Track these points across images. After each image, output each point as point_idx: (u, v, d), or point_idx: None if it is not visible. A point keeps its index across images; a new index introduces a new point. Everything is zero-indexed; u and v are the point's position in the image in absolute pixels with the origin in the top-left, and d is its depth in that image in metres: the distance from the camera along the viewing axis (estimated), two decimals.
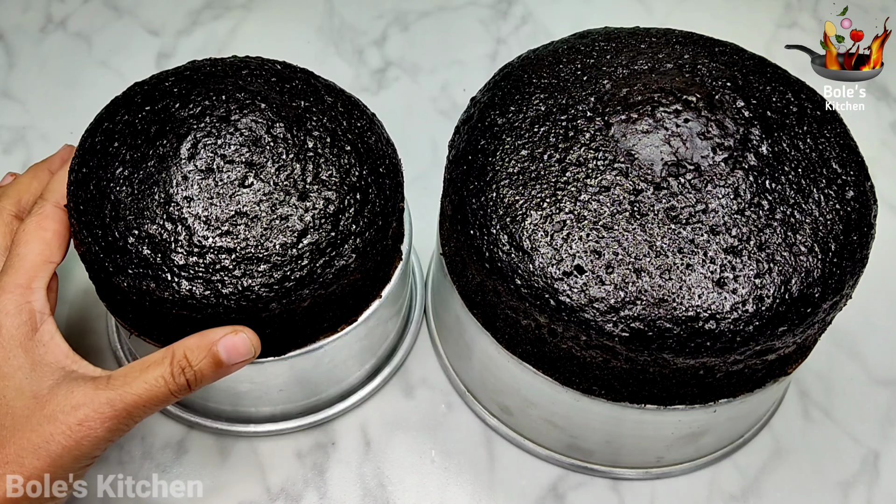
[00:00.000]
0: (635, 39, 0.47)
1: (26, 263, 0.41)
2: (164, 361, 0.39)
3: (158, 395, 0.39)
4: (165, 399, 0.39)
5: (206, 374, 0.40)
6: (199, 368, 0.39)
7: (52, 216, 0.42)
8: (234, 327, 0.40)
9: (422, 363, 0.55)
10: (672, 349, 0.39)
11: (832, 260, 0.40)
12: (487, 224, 0.42)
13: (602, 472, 0.51)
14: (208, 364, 0.40)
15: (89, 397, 0.38)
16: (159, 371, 0.39)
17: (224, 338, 0.40)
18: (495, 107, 0.45)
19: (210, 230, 0.41)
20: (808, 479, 0.51)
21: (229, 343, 0.40)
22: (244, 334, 0.40)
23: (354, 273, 0.42)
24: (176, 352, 0.39)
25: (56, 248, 0.42)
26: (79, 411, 0.38)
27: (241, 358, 0.40)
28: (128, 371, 0.39)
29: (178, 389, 0.39)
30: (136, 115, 0.43)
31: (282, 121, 0.43)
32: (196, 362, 0.39)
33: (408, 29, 0.72)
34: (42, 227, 0.42)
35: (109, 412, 0.38)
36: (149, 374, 0.39)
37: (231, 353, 0.40)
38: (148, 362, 0.39)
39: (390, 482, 0.50)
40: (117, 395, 0.38)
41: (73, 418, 0.37)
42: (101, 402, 0.38)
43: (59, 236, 0.42)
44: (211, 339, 0.40)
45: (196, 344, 0.40)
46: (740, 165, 0.42)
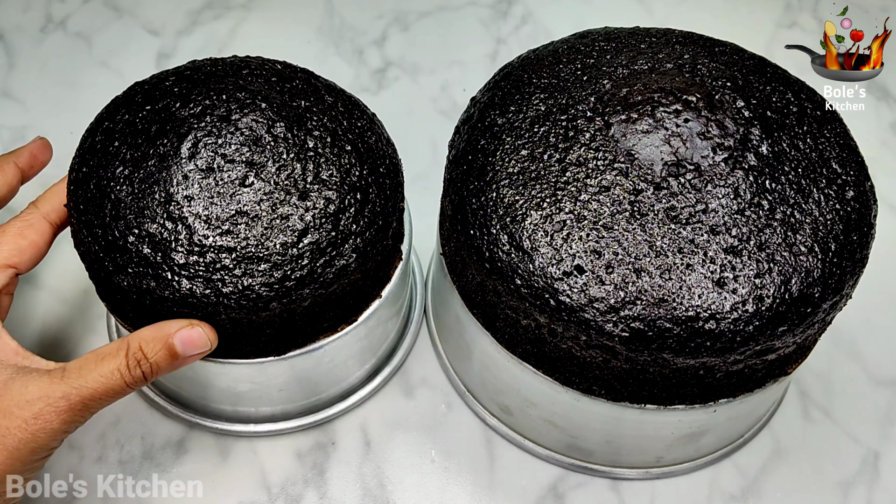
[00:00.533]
0: (635, 39, 0.47)
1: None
2: (120, 353, 0.39)
3: (114, 388, 0.39)
4: (121, 391, 0.39)
5: (161, 366, 0.40)
6: (154, 360, 0.39)
7: (36, 226, 0.42)
8: (191, 321, 0.40)
9: (422, 363, 0.55)
10: (672, 349, 0.39)
11: (832, 260, 0.40)
12: (487, 224, 0.42)
13: (602, 472, 0.51)
14: (164, 356, 0.39)
15: (44, 391, 0.38)
16: (114, 363, 0.39)
17: (180, 331, 0.39)
18: (495, 107, 0.45)
19: (210, 229, 0.41)
20: (808, 479, 0.51)
21: (185, 336, 0.40)
22: (200, 328, 0.40)
23: (355, 273, 0.42)
24: (131, 344, 0.39)
25: (27, 258, 0.42)
26: (34, 405, 0.37)
27: (196, 351, 0.40)
28: (82, 363, 0.39)
29: (133, 381, 0.39)
30: (136, 115, 0.43)
31: (282, 120, 0.43)
32: (151, 355, 0.39)
33: (408, 29, 0.72)
34: (22, 234, 0.42)
35: (65, 405, 0.38)
36: (104, 366, 0.39)
37: (187, 346, 0.40)
38: (103, 354, 0.39)
39: (390, 482, 0.50)
40: (73, 388, 0.38)
41: (28, 412, 0.37)
42: (57, 396, 0.38)
43: (35, 247, 0.42)
44: (167, 331, 0.39)
45: (152, 336, 0.39)
46: (740, 165, 0.42)
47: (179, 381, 0.49)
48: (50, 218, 0.43)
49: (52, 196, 0.43)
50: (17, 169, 0.45)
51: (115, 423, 0.51)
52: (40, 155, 0.47)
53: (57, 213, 0.43)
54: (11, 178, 0.46)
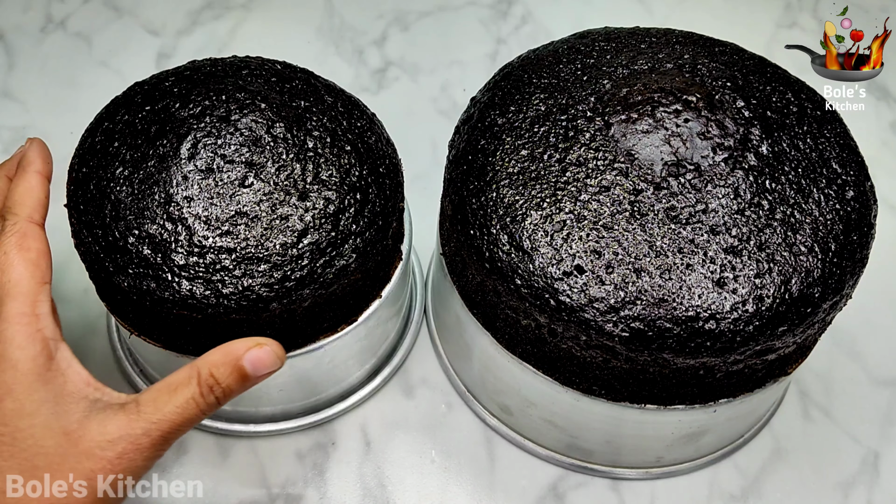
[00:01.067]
0: (635, 39, 0.47)
1: (23, 289, 0.38)
2: (192, 382, 0.38)
3: (191, 417, 0.38)
4: (197, 418, 0.38)
5: (233, 389, 0.39)
6: (226, 385, 0.38)
7: (31, 233, 0.40)
8: (258, 340, 0.39)
9: (422, 363, 0.55)
10: (672, 349, 0.39)
11: (832, 260, 0.40)
12: (487, 224, 0.42)
13: (602, 472, 0.51)
14: (235, 379, 0.38)
15: (125, 430, 0.36)
16: (188, 392, 0.38)
17: (249, 352, 0.38)
18: (495, 107, 0.45)
19: (210, 230, 0.41)
20: (808, 479, 0.51)
21: (254, 357, 0.38)
22: (269, 347, 0.39)
23: (355, 273, 0.42)
24: (201, 370, 0.38)
25: (45, 268, 0.39)
26: (117, 445, 0.36)
27: (266, 370, 0.39)
28: (156, 396, 0.37)
29: (208, 408, 0.38)
30: (136, 115, 0.43)
31: (282, 121, 0.43)
32: (223, 379, 0.38)
33: (408, 29, 0.72)
34: (24, 247, 0.39)
35: (147, 442, 0.37)
36: (178, 396, 0.37)
37: (257, 367, 0.39)
38: (174, 384, 0.38)
39: (390, 482, 0.50)
40: (153, 424, 0.37)
41: (111, 453, 0.36)
42: (138, 433, 0.37)
43: (43, 255, 0.39)
44: (235, 354, 0.38)
45: (221, 360, 0.38)
46: (740, 165, 0.42)
47: None
48: (34, 219, 0.40)
49: (23, 198, 0.41)
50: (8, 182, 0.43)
51: None
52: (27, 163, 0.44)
53: (38, 212, 0.41)
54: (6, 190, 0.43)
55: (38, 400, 0.37)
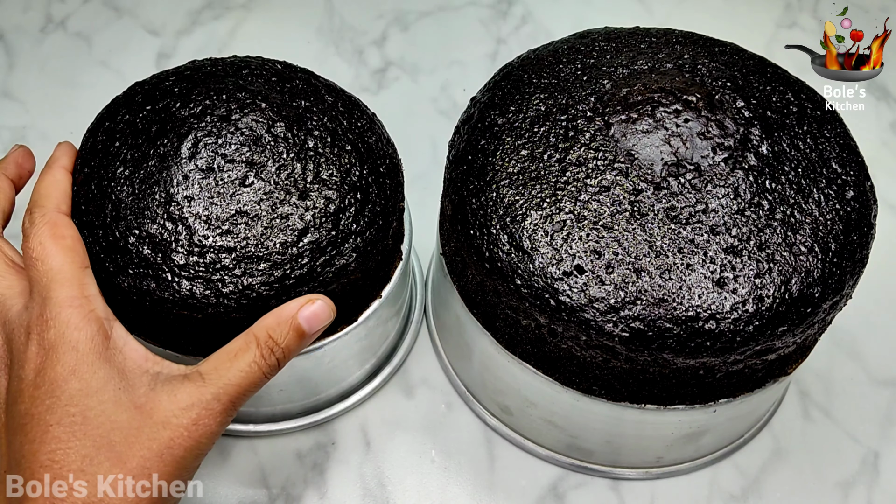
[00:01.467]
0: (635, 39, 0.47)
1: (67, 275, 0.39)
2: (251, 346, 0.39)
3: (255, 380, 0.39)
4: (261, 381, 0.39)
5: (292, 347, 0.40)
6: (285, 345, 0.39)
7: (61, 222, 0.40)
8: (308, 297, 0.40)
9: (422, 363, 0.55)
10: (672, 349, 0.39)
11: (832, 260, 0.40)
12: (487, 224, 0.42)
13: (602, 472, 0.51)
14: (293, 338, 0.39)
15: (196, 397, 0.37)
16: (250, 356, 0.38)
17: (302, 309, 0.39)
18: (495, 107, 0.45)
19: (210, 229, 0.41)
20: (808, 479, 0.51)
21: (309, 314, 0.40)
22: (319, 301, 0.40)
23: (355, 272, 0.42)
24: (258, 335, 0.39)
25: (83, 253, 0.40)
26: (191, 412, 0.37)
27: (322, 324, 0.40)
28: (217, 364, 0.38)
29: (270, 370, 0.39)
30: (136, 115, 0.43)
31: (282, 120, 0.43)
32: (282, 339, 0.39)
33: (408, 29, 0.72)
34: (58, 235, 0.40)
35: (218, 406, 0.38)
36: (240, 361, 0.38)
37: (312, 322, 0.40)
38: (233, 350, 0.39)
39: (390, 482, 0.50)
40: (221, 388, 0.38)
41: (187, 419, 0.37)
42: (209, 398, 0.37)
43: (78, 241, 0.40)
44: (290, 313, 0.39)
45: (276, 321, 0.39)
46: (740, 165, 0.42)
47: None
48: (62, 209, 0.41)
49: (50, 190, 0.42)
50: (9, 180, 0.44)
51: None
52: (25, 163, 0.45)
53: (65, 203, 0.42)
54: (8, 190, 0.44)
55: (103, 377, 0.37)
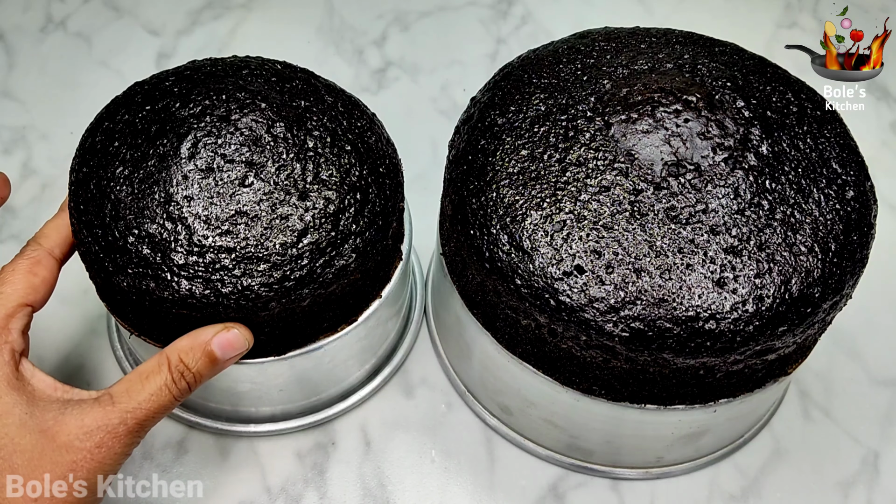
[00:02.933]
0: (635, 39, 0.47)
1: (7, 303, 0.40)
2: (162, 369, 0.39)
3: (164, 403, 0.39)
4: (171, 405, 0.40)
5: (203, 373, 0.40)
6: (196, 370, 0.40)
7: (45, 263, 0.42)
8: (226, 324, 0.41)
9: (422, 363, 0.55)
10: (672, 349, 0.39)
11: (832, 260, 0.40)
12: (487, 224, 0.42)
13: (602, 472, 0.51)
14: (205, 364, 0.40)
15: (101, 420, 0.38)
16: (160, 380, 0.39)
17: (216, 336, 0.40)
18: (495, 107, 0.45)
19: (210, 229, 0.41)
20: (808, 479, 0.51)
21: (222, 340, 0.40)
22: (236, 330, 0.41)
23: (354, 273, 0.42)
24: (171, 357, 0.40)
25: (41, 295, 0.42)
26: (94, 436, 0.38)
27: (234, 352, 0.41)
28: (128, 386, 0.39)
29: (179, 394, 0.40)
30: (136, 115, 0.43)
31: (282, 120, 0.43)
32: (193, 364, 0.40)
33: (408, 29, 0.72)
34: (32, 271, 0.41)
35: (124, 430, 0.38)
36: (150, 384, 0.39)
37: (225, 350, 0.41)
38: (146, 372, 0.39)
39: (390, 482, 0.50)
40: (128, 412, 0.38)
41: (90, 443, 0.38)
42: (115, 422, 0.38)
43: (46, 284, 0.42)
44: (203, 338, 0.40)
45: (189, 346, 0.40)
46: (740, 165, 0.42)
47: None
48: (55, 254, 0.43)
49: (51, 231, 0.43)
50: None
51: None
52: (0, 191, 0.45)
53: (60, 249, 0.43)
54: None
55: (9, 402, 0.38)
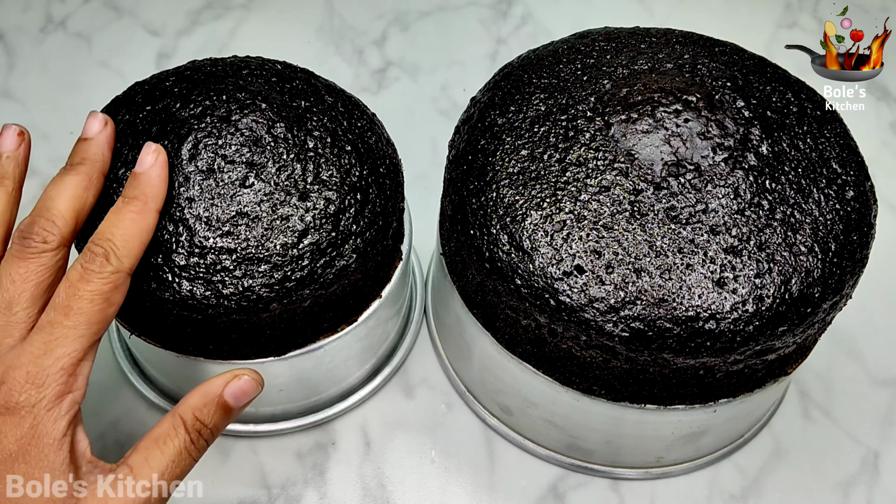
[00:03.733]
0: (635, 39, 0.47)
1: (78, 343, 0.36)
2: (178, 431, 0.37)
3: (185, 467, 0.37)
4: (191, 465, 0.38)
5: (219, 426, 0.38)
6: (213, 425, 0.38)
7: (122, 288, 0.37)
8: (234, 372, 0.38)
9: (422, 363, 0.55)
10: (672, 349, 0.39)
11: (832, 260, 0.40)
12: (487, 224, 0.42)
13: (602, 472, 0.51)
14: (220, 416, 0.38)
15: (122, 493, 0.36)
16: (178, 443, 0.37)
17: (228, 386, 0.38)
18: (495, 107, 0.45)
19: (211, 231, 0.41)
20: (808, 479, 0.51)
21: (235, 390, 0.38)
22: (246, 376, 0.38)
23: (355, 273, 0.42)
24: (185, 418, 0.37)
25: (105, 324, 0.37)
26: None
27: (248, 398, 0.39)
28: (146, 455, 0.37)
29: (198, 453, 0.38)
30: (136, 115, 0.43)
31: (282, 121, 0.43)
32: (209, 420, 0.38)
33: (408, 29, 0.72)
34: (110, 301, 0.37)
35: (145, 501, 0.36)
36: (169, 448, 0.37)
37: (239, 398, 0.38)
38: (162, 437, 0.37)
39: (390, 482, 0.50)
40: (149, 485, 0.36)
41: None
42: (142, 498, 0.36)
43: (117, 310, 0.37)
44: (215, 392, 0.38)
45: (202, 402, 0.38)
46: (740, 165, 0.42)
47: (179, 381, 0.49)
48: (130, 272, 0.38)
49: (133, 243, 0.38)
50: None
51: (115, 424, 0.51)
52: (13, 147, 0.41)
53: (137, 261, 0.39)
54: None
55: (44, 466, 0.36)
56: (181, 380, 0.48)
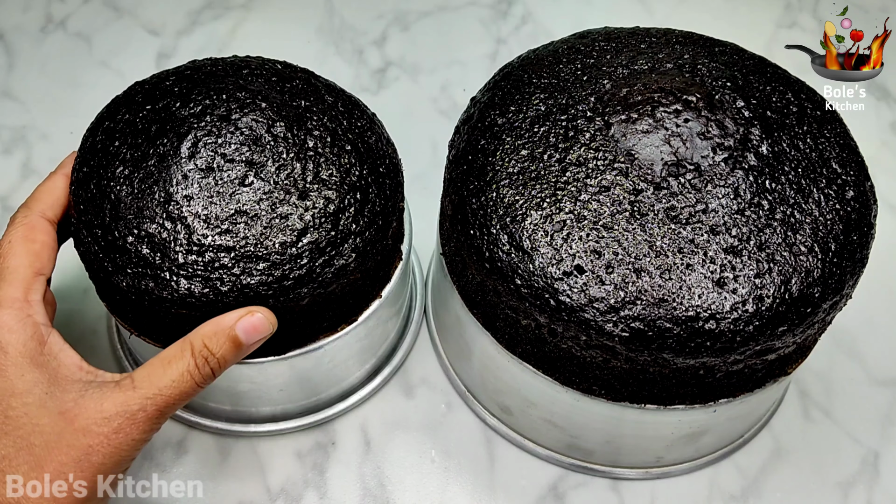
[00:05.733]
0: (635, 39, 0.47)
1: (18, 276, 0.39)
2: (185, 354, 0.39)
3: (186, 390, 0.38)
4: (193, 391, 0.39)
5: (227, 358, 0.39)
6: (220, 354, 0.39)
7: (39, 227, 0.41)
8: (248, 308, 0.40)
9: (422, 363, 0.55)
10: (672, 349, 0.39)
11: (832, 260, 0.40)
12: (487, 224, 0.42)
13: (602, 472, 0.51)
14: (229, 348, 0.39)
15: (121, 405, 0.37)
16: (182, 365, 0.38)
17: (241, 320, 0.39)
18: (495, 107, 0.45)
19: (210, 229, 0.41)
20: (808, 479, 0.51)
21: (247, 324, 0.39)
22: (259, 314, 0.40)
23: (354, 272, 0.42)
24: (194, 342, 0.39)
25: (46, 260, 0.41)
26: (113, 421, 0.37)
27: (259, 336, 0.40)
28: (150, 371, 0.38)
29: (203, 380, 0.39)
30: (136, 115, 0.43)
31: (282, 120, 0.43)
32: (217, 349, 0.39)
33: (408, 29, 0.72)
34: (29, 238, 0.40)
35: (143, 416, 0.38)
36: (172, 370, 0.38)
37: (250, 334, 0.40)
38: (168, 358, 0.39)
39: (390, 482, 0.50)
40: (148, 398, 0.38)
41: (108, 428, 0.37)
42: (134, 408, 0.37)
43: (47, 248, 0.41)
44: (227, 323, 0.39)
45: (213, 331, 0.39)
46: (740, 165, 0.42)
47: None
48: (47, 216, 0.42)
49: (42, 194, 0.42)
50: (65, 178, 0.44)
51: None
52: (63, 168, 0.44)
53: (53, 210, 0.42)
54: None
55: (30, 381, 0.38)
56: None
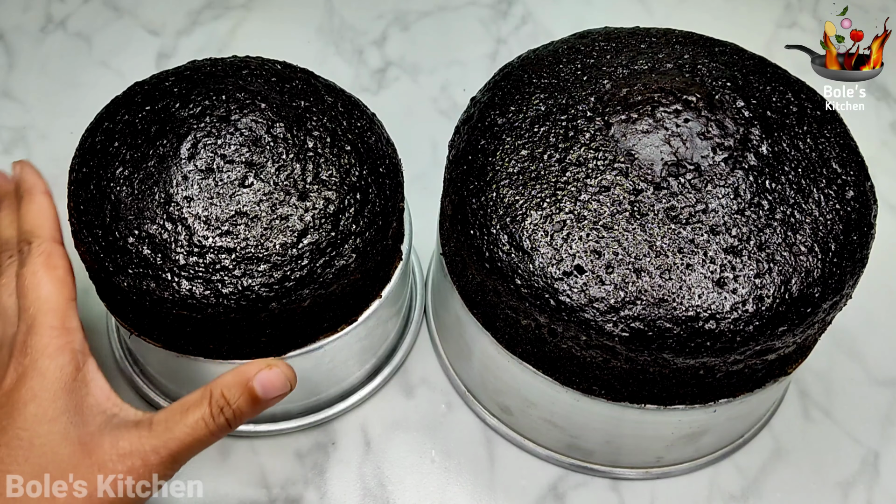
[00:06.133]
0: (635, 39, 0.47)
1: (51, 305, 0.40)
2: (203, 402, 0.38)
3: (201, 438, 0.38)
4: (208, 440, 0.39)
5: (244, 410, 0.39)
6: (237, 406, 0.39)
7: (56, 252, 0.42)
8: (268, 361, 0.39)
9: (422, 363, 0.55)
10: (672, 349, 0.39)
11: (832, 260, 0.40)
12: (487, 224, 0.42)
13: (602, 472, 0.51)
14: (245, 401, 0.39)
15: (135, 446, 0.38)
16: (199, 413, 0.38)
17: (259, 374, 0.39)
18: (495, 107, 0.45)
19: (210, 230, 0.41)
20: (808, 479, 0.51)
21: (265, 379, 0.39)
22: (278, 368, 0.39)
23: (354, 273, 0.42)
24: (213, 391, 0.39)
25: (71, 286, 0.41)
26: (126, 460, 0.37)
27: (276, 392, 0.39)
28: (168, 415, 0.38)
29: (218, 429, 0.39)
30: (136, 115, 0.43)
31: (282, 121, 0.43)
32: (234, 400, 0.39)
33: (408, 29, 0.72)
34: (51, 265, 0.41)
35: (155, 459, 0.38)
36: (189, 416, 0.38)
37: (267, 389, 0.39)
38: (187, 404, 0.39)
39: (390, 482, 0.50)
40: (161, 442, 0.38)
41: (122, 466, 0.37)
42: (147, 450, 0.38)
43: (69, 273, 0.42)
44: (246, 375, 0.39)
45: (232, 381, 0.39)
46: (740, 165, 0.42)
47: (179, 381, 0.49)
48: (57, 239, 0.43)
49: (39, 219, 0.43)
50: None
51: None
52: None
53: (56, 232, 0.43)
54: None
55: (60, 408, 0.38)
56: (181, 380, 0.48)
